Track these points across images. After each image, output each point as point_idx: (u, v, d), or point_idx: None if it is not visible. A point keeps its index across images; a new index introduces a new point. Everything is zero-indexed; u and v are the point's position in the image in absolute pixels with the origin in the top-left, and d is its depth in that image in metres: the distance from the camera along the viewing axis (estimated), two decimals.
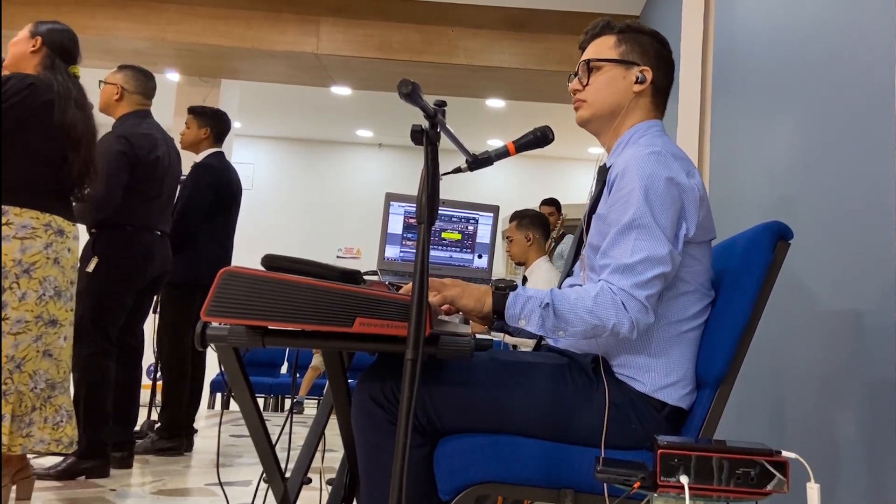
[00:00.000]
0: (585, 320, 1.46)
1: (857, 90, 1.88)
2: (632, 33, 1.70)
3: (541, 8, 5.53)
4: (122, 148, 3.51)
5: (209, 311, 1.31)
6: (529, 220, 4.51)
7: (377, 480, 1.49)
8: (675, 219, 1.51)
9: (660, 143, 1.58)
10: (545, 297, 1.47)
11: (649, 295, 1.47)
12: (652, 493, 1.20)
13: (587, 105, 1.70)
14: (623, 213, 1.52)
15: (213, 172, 4.29)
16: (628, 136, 1.67)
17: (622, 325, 1.46)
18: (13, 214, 2.63)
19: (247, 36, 5.76)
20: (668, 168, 1.52)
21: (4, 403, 2.54)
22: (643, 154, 1.54)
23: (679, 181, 1.52)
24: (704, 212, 1.57)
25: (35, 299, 2.64)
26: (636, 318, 1.46)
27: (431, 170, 1.28)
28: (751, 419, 2.42)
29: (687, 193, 1.53)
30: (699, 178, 1.58)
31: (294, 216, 10.33)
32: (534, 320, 1.47)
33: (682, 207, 1.52)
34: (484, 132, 9.48)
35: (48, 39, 2.90)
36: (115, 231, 3.51)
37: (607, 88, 1.68)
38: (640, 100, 1.68)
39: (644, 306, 1.46)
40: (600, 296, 1.46)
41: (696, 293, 1.58)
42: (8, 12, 5.41)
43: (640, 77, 1.67)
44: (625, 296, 1.46)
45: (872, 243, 1.73)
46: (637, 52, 1.68)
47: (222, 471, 3.72)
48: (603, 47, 1.70)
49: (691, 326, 1.58)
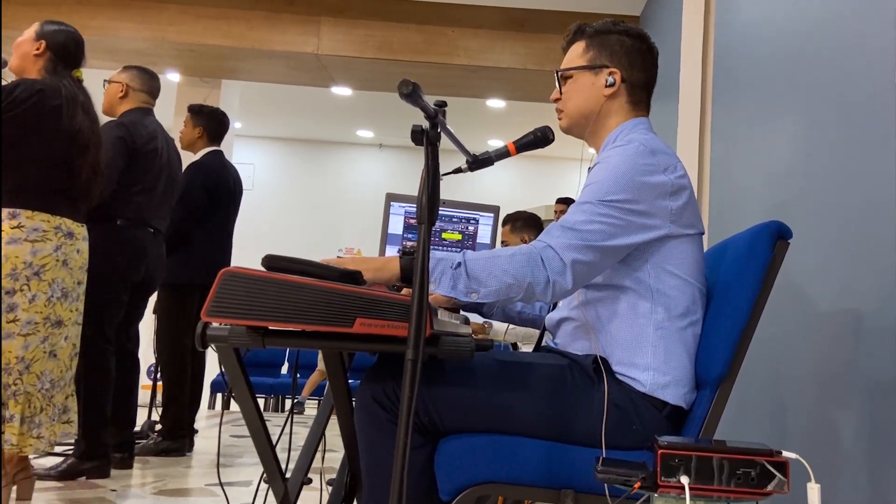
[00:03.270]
0: (500, 279, 1.45)
1: (858, 90, 1.88)
2: (600, 35, 1.71)
3: (541, 8, 5.54)
4: (121, 134, 3.49)
5: (210, 312, 1.31)
6: (523, 222, 4.50)
7: (378, 480, 1.50)
8: (638, 211, 1.52)
9: (641, 138, 1.59)
10: (457, 257, 1.47)
11: (576, 260, 1.47)
12: (652, 493, 1.20)
13: (564, 114, 1.74)
14: (587, 192, 1.55)
15: (206, 172, 4.24)
16: (614, 136, 1.69)
17: (538, 283, 1.45)
18: (25, 217, 2.65)
19: (247, 36, 5.76)
20: (642, 159, 1.53)
21: (14, 404, 2.56)
22: (620, 150, 1.57)
23: (653, 176, 1.53)
24: (681, 205, 1.55)
25: (44, 301, 2.66)
26: (554, 279, 1.45)
27: (432, 170, 1.28)
28: (751, 419, 2.42)
29: (660, 189, 1.53)
30: (680, 172, 1.57)
31: (294, 216, 10.34)
32: (444, 282, 1.46)
33: (652, 202, 1.53)
34: (484, 132, 9.48)
35: (52, 43, 2.90)
36: (107, 225, 3.43)
37: (577, 96, 1.71)
38: (615, 101, 1.69)
39: (565, 266, 1.45)
40: (517, 254, 1.46)
41: (686, 286, 1.57)
42: (8, 12, 5.42)
43: (608, 80, 1.68)
44: (549, 253, 1.46)
45: (872, 243, 1.73)
46: (605, 54, 1.69)
47: (223, 471, 3.72)
48: (573, 55, 1.73)
49: (688, 322, 1.57)
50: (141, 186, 3.56)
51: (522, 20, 5.63)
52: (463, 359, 1.39)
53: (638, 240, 1.53)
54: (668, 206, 1.54)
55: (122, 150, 3.48)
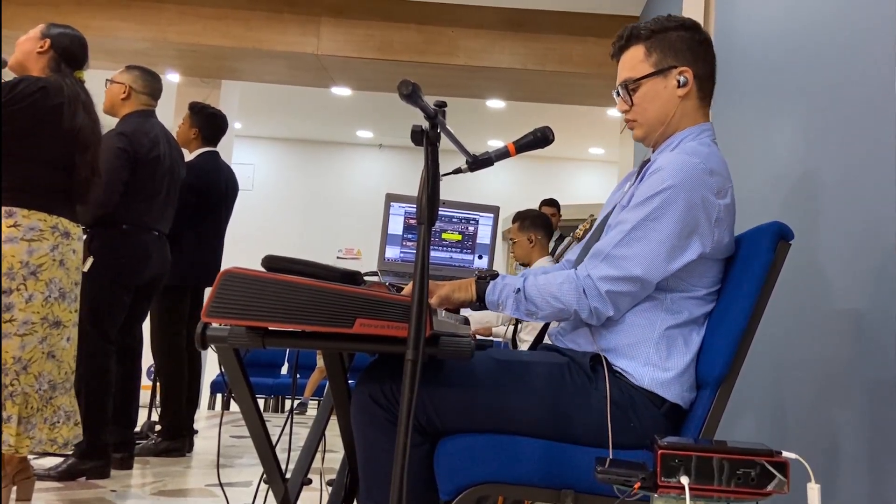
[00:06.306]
0: (551, 304, 1.54)
1: (858, 90, 1.88)
2: (658, 35, 1.65)
3: (541, 8, 5.53)
4: (122, 145, 3.49)
5: (210, 312, 1.31)
6: (531, 221, 4.50)
7: (377, 481, 1.50)
8: (685, 235, 1.51)
9: (704, 153, 1.56)
10: (518, 282, 1.56)
11: (611, 291, 1.52)
12: (652, 493, 1.20)
13: (638, 125, 1.69)
14: (636, 210, 1.54)
15: (197, 174, 4.19)
16: (679, 139, 1.65)
17: (582, 311, 1.53)
18: (21, 216, 2.63)
19: (247, 36, 5.76)
20: (699, 183, 1.51)
21: (10, 405, 2.55)
22: (681, 160, 1.53)
23: (706, 198, 1.51)
24: (724, 233, 1.56)
25: (41, 301, 2.65)
26: (594, 307, 1.53)
27: (432, 170, 1.28)
28: (751, 419, 2.42)
29: (710, 213, 1.52)
30: (730, 199, 1.57)
31: (294, 217, 10.34)
32: (510, 305, 1.56)
33: (697, 226, 1.52)
34: (484, 132, 9.48)
35: (56, 43, 2.90)
36: (111, 230, 3.47)
37: (652, 103, 1.65)
38: (687, 102, 1.65)
39: (603, 298, 1.52)
40: (565, 283, 1.54)
41: (701, 299, 1.59)
42: (8, 12, 5.41)
43: (681, 80, 1.63)
44: (588, 283, 1.53)
45: (873, 243, 1.73)
46: (670, 54, 1.64)
47: (223, 471, 3.72)
48: (634, 62, 1.66)
49: (694, 327, 1.58)
50: (144, 194, 3.58)
51: (522, 20, 5.62)
52: (462, 359, 1.39)
53: (677, 266, 1.53)
54: (711, 232, 1.53)
55: (125, 162, 3.50)
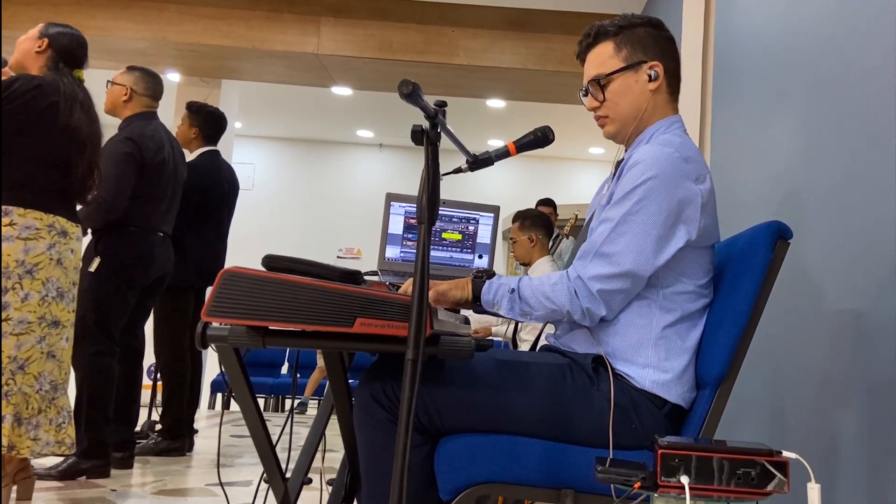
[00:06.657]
0: (544, 305, 1.55)
1: (858, 89, 1.88)
2: (627, 31, 1.66)
3: (541, 8, 5.54)
4: (130, 150, 3.51)
5: (210, 312, 1.31)
6: (532, 220, 4.50)
7: (378, 480, 1.50)
8: (669, 224, 1.51)
9: (677, 142, 1.57)
10: (513, 283, 1.57)
11: (602, 290, 1.52)
12: (652, 493, 1.20)
13: (610, 120, 1.69)
14: (618, 206, 1.54)
15: (198, 174, 4.20)
16: (650, 133, 1.66)
17: (574, 312, 1.54)
18: (17, 215, 2.62)
19: (247, 36, 5.76)
20: (677, 171, 1.51)
21: (6, 404, 2.54)
22: (657, 151, 1.54)
23: (686, 186, 1.52)
24: (708, 218, 1.56)
25: (38, 300, 2.64)
26: (586, 308, 1.53)
27: (432, 170, 1.28)
28: (751, 419, 2.42)
29: (691, 199, 1.52)
30: (709, 183, 1.57)
31: (294, 216, 10.34)
32: (504, 305, 1.57)
33: (680, 212, 1.52)
34: (484, 132, 9.48)
35: (55, 42, 2.90)
36: (118, 232, 3.51)
37: (624, 98, 1.66)
38: (658, 96, 1.67)
39: (594, 298, 1.52)
40: (557, 284, 1.54)
41: (694, 294, 1.58)
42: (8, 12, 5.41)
43: (652, 74, 1.65)
44: (579, 284, 1.53)
45: (873, 243, 1.73)
46: (639, 49, 1.65)
47: (223, 471, 3.72)
48: (604, 57, 1.67)
49: (690, 324, 1.58)
50: (150, 197, 3.61)
51: (522, 20, 5.62)
52: (463, 359, 1.39)
53: (665, 257, 1.53)
54: (695, 217, 1.53)
55: (133, 168, 3.51)
